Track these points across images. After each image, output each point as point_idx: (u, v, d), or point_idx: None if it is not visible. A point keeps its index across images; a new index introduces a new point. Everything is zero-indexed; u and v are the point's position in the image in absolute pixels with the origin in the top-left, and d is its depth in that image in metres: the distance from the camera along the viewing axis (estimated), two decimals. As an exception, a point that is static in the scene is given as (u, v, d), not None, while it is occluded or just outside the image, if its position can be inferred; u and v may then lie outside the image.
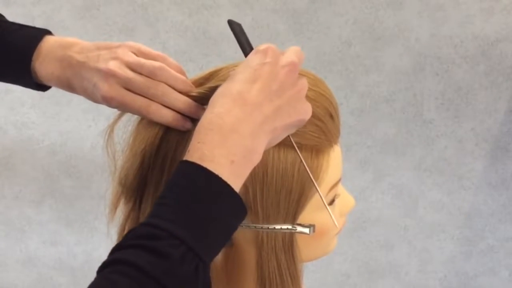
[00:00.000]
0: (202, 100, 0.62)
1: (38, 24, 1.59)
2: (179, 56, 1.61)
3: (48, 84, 0.69)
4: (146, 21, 1.59)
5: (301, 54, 0.62)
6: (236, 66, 0.65)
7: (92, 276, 0.51)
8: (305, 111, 0.60)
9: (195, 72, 0.67)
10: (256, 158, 0.56)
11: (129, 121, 0.66)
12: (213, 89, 0.60)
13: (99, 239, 1.83)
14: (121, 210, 0.68)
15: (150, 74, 0.62)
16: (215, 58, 1.60)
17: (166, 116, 0.62)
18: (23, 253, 1.88)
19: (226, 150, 0.54)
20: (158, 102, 0.62)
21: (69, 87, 0.67)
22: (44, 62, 0.67)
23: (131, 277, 0.49)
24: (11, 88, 1.66)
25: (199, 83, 0.65)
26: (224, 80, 0.60)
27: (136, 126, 0.66)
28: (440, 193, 1.74)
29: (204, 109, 0.62)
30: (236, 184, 0.54)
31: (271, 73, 0.58)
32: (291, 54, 0.61)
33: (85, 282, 0.50)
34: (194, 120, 0.62)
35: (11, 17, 0.77)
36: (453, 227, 1.78)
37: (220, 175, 0.53)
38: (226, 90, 0.57)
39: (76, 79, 0.65)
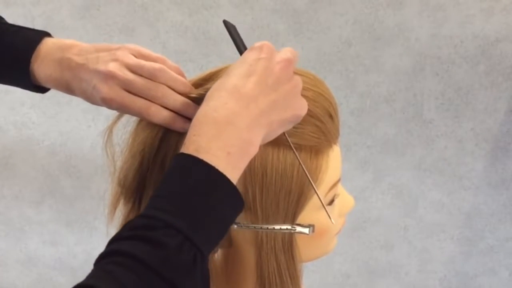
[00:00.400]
0: (201, 101, 0.62)
1: (38, 24, 1.60)
2: (179, 56, 1.61)
3: (47, 86, 0.69)
4: (146, 21, 1.59)
5: (296, 53, 0.62)
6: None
7: (92, 276, 0.51)
8: (301, 107, 0.60)
9: (195, 72, 0.67)
10: (253, 151, 0.56)
11: (128, 122, 0.66)
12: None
13: (99, 239, 1.83)
14: (121, 211, 0.68)
15: (150, 76, 0.62)
16: (215, 58, 1.60)
17: (166, 117, 0.62)
18: (23, 253, 1.88)
19: (222, 142, 0.54)
20: (158, 104, 0.62)
21: (68, 89, 0.67)
22: (42, 64, 0.67)
23: (128, 267, 0.49)
24: (11, 88, 1.66)
25: (198, 84, 0.65)
26: None
27: (135, 127, 0.66)
28: (440, 193, 1.74)
29: None
30: (233, 176, 0.54)
31: (267, 68, 0.58)
32: (286, 52, 0.61)
33: (85, 282, 0.50)
34: None
35: (11, 17, 0.78)
36: (453, 227, 1.78)
37: (217, 166, 0.53)
38: (221, 84, 0.58)
39: (74, 81, 0.65)
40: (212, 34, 1.59)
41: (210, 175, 0.53)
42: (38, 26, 1.61)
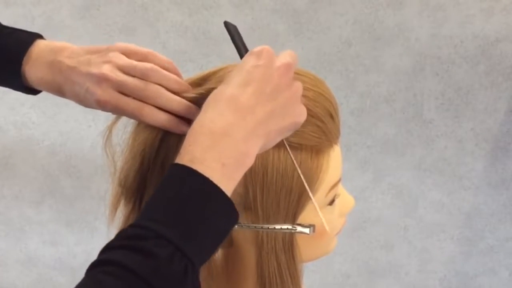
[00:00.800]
0: (201, 101, 0.62)
1: (38, 24, 1.60)
2: (179, 56, 1.61)
3: (38, 88, 0.69)
4: (146, 21, 1.59)
5: (296, 56, 0.62)
6: (235, 66, 0.65)
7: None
8: (299, 114, 0.60)
9: (195, 72, 0.67)
10: (249, 162, 0.56)
11: (129, 122, 0.66)
12: (211, 90, 0.60)
13: (99, 239, 1.83)
14: (121, 211, 0.68)
15: (142, 76, 0.62)
16: (215, 58, 1.60)
17: (160, 118, 0.62)
18: (23, 253, 1.88)
19: (218, 153, 0.54)
20: (152, 104, 0.62)
21: (59, 92, 0.67)
22: (33, 66, 0.67)
23: (118, 276, 0.49)
24: (11, 88, 1.66)
25: (197, 83, 0.65)
26: (222, 81, 0.60)
27: (136, 127, 0.66)
28: (440, 193, 1.74)
29: (200, 110, 0.62)
30: (228, 187, 0.54)
31: (265, 75, 0.57)
32: (286, 55, 0.61)
33: (85, 282, 0.50)
34: (191, 122, 0.62)
35: (11, 17, 0.78)
36: (453, 227, 1.78)
37: (211, 178, 0.53)
38: (219, 93, 0.57)
39: (66, 84, 0.65)
40: (212, 34, 1.59)
41: (205, 187, 0.53)
42: (38, 26, 1.61)
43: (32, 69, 0.67)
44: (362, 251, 1.82)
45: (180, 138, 0.62)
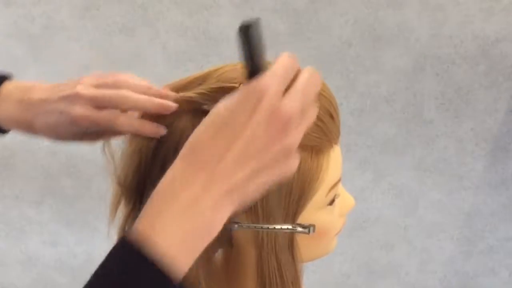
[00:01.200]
0: (202, 100, 0.62)
1: (38, 24, 1.60)
2: (179, 56, 1.61)
3: (7, 128, 0.70)
4: (146, 21, 1.59)
5: (318, 83, 0.52)
6: (234, 65, 0.65)
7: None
8: (290, 168, 0.52)
9: (195, 72, 0.67)
10: (214, 232, 0.51)
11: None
12: (213, 90, 0.60)
13: (99, 239, 1.83)
14: (122, 211, 0.68)
15: (113, 87, 0.63)
16: (215, 58, 1.60)
17: (135, 124, 0.62)
18: (23, 253, 1.88)
19: (179, 225, 0.49)
20: (124, 110, 0.62)
21: (29, 128, 0.67)
22: (2, 106, 0.67)
23: None
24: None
25: (197, 83, 0.65)
26: (223, 80, 0.60)
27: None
28: (440, 193, 1.74)
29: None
30: (183, 264, 0.50)
31: (256, 133, 0.49)
32: (296, 97, 0.50)
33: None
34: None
35: (11, 17, 0.78)
36: (453, 227, 1.78)
37: (166, 253, 0.48)
38: (196, 146, 0.51)
39: (37, 118, 0.65)
40: (212, 34, 1.59)
41: (153, 273, 0.48)
42: (38, 26, 1.61)
43: (1, 109, 0.67)
44: (362, 251, 1.82)
45: (180, 136, 0.62)
